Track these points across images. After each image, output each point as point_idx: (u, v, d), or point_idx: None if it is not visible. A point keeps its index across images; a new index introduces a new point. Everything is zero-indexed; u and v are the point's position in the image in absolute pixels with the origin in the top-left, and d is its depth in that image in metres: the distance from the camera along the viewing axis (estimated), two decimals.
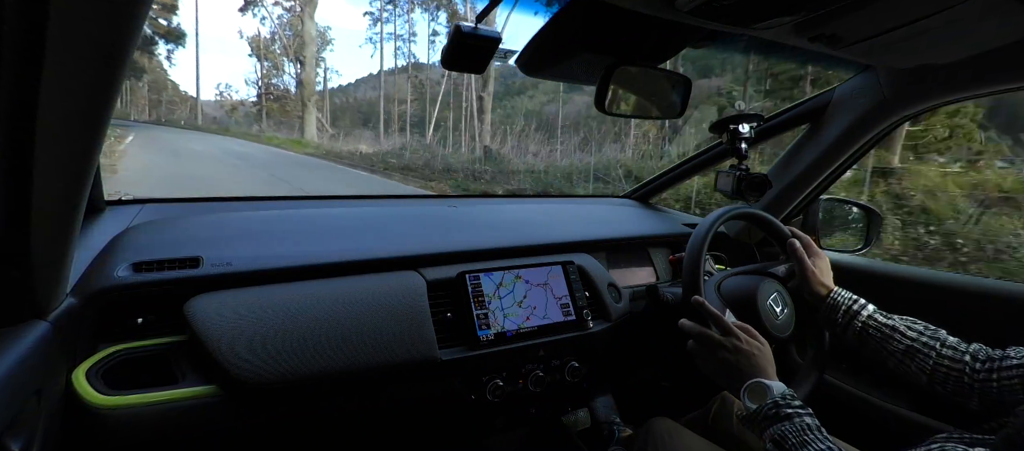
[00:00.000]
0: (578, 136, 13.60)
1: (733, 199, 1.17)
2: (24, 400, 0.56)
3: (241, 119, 26.90)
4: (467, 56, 0.74)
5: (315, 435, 0.89)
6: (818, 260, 0.98)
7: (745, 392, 0.76)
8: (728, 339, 0.82)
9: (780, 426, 0.68)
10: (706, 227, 0.96)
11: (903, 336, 0.84)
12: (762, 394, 0.73)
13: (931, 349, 0.81)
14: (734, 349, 0.80)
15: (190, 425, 0.76)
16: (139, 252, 0.86)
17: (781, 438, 0.67)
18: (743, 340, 0.81)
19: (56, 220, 0.54)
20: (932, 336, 0.83)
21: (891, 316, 0.87)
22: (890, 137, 2.91)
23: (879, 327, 0.86)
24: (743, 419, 0.75)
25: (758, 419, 0.72)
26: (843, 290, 0.93)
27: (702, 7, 0.69)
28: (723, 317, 0.85)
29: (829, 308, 0.92)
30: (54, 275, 0.62)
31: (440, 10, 22.90)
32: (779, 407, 0.70)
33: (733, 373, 0.79)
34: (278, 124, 23.98)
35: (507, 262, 1.08)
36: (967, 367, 0.77)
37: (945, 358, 0.79)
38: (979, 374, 0.75)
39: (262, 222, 1.04)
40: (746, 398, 0.75)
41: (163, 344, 0.80)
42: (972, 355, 0.78)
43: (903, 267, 1.37)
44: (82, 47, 0.39)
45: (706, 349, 0.84)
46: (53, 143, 0.44)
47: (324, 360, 0.81)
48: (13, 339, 0.57)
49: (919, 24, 0.76)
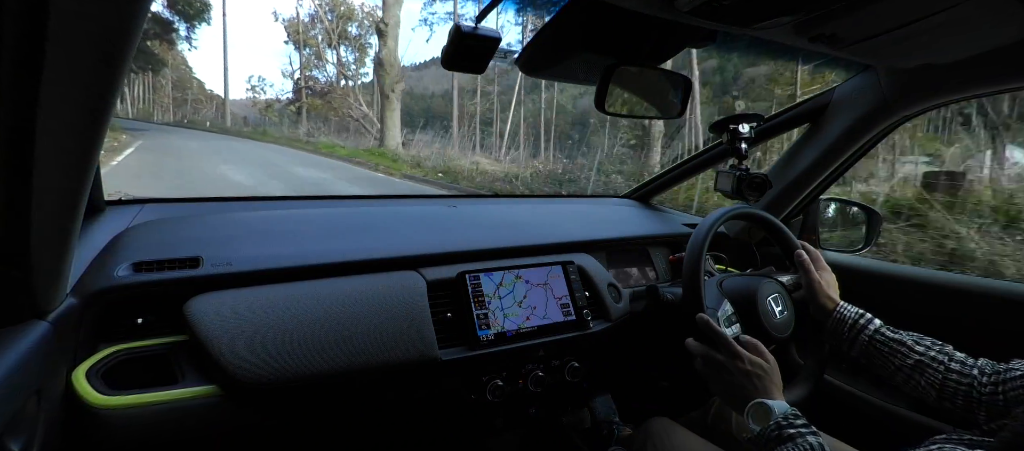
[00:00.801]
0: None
1: (733, 199, 1.17)
2: (24, 400, 0.56)
3: (276, 117, 24.06)
4: (467, 56, 0.74)
5: (315, 435, 0.89)
6: (824, 273, 0.98)
7: (749, 414, 0.75)
8: (732, 361, 0.81)
9: (783, 448, 0.68)
10: (706, 227, 0.96)
11: (911, 351, 0.83)
12: (765, 415, 0.73)
13: (940, 364, 0.80)
14: (738, 371, 0.80)
15: (190, 425, 0.76)
16: (139, 252, 0.86)
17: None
18: (747, 360, 0.80)
19: (56, 220, 0.54)
20: (940, 351, 0.82)
21: (898, 331, 0.87)
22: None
23: (886, 342, 0.86)
24: (749, 441, 0.75)
25: (762, 441, 0.71)
26: (849, 304, 0.93)
27: (702, 7, 0.69)
28: (727, 337, 0.84)
29: (836, 322, 0.91)
30: (54, 275, 0.62)
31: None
32: (781, 428, 0.70)
33: (738, 395, 0.79)
34: (327, 125, 19.81)
35: (507, 262, 1.08)
36: (976, 381, 0.77)
37: (954, 373, 0.79)
38: (986, 388, 0.75)
39: (262, 222, 1.04)
40: (750, 420, 0.75)
41: (163, 344, 0.80)
42: (980, 369, 0.78)
43: (904, 267, 1.37)
44: (82, 47, 0.39)
45: (712, 372, 0.84)
46: (53, 143, 0.44)
47: (324, 360, 0.81)
48: (13, 339, 0.57)
49: (919, 24, 0.76)
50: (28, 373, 0.57)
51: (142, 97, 32.45)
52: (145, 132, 15.78)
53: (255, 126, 23.82)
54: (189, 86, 30.93)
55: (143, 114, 29.80)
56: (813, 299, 0.95)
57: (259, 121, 25.40)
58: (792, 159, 1.37)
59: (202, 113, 28.75)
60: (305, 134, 18.82)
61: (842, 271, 1.07)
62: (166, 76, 28.86)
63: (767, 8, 0.72)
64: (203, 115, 28.12)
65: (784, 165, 1.39)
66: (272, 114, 24.87)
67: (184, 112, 28.86)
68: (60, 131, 0.44)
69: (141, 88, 31.92)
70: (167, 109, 29.75)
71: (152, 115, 27.85)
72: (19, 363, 0.55)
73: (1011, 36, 0.82)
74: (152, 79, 31.03)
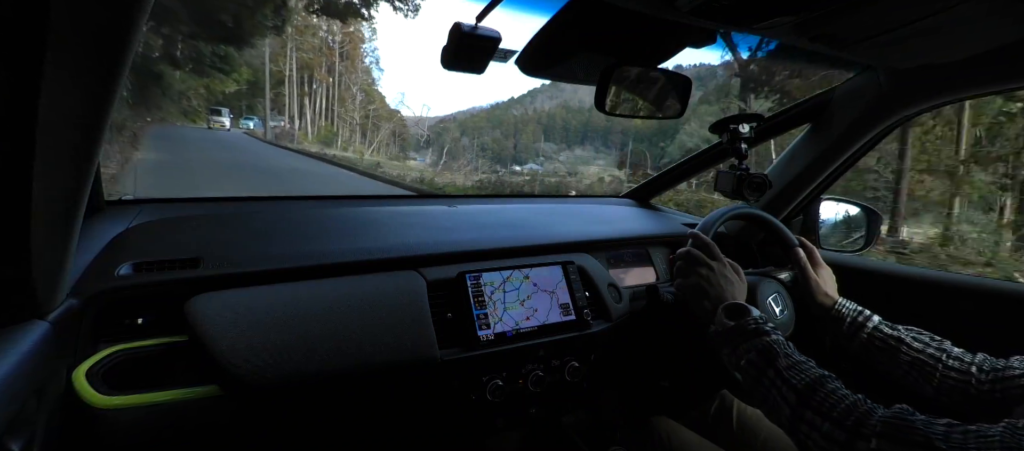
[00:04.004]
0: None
1: (733, 199, 1.17)
2: (24, 400, 0.56)
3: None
4: (467, 56, 0.74)
5: (315, 435, 0.89)
6: (822, 270, 0.99)
7: (723, 310, 0.79)
8: (714, 262, 0.87)
9: (762, 340, 0.71)
10: (707, 227, 0.96)
11: (909, 347, 0.84)
12: (742, 313, 0.76)
13: (937, 361, 0.81)
14: (718, 271, 0.86)
15: (190, 425, 0.76)
16: (139, 252, 0.86)
17: (766, 350, 0.69)
18: (728, 267, 0.87)
19: (56, 220, 0.54)
20: (938, 347, 0.82)
21: (896, 327, 0.87)
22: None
23: (885, 338, 0.86)
24: (718, 334, 0.77)
25: (737, 334, 0.74)
26: (848, 301, 0.93)
27: (702, 7, 0.69)
28: (714, 245, 0.90)
29: (834, 319, 0.92)
30: (54, 275, 0.62)
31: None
32: (759, 324, 0.73)
33: (709, 292, 0.84)
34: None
35: (507, 262, 1.08)
36: (973, 378, 0.77)
37: (952, 369, 0.79)
38: (984, 385, 0.75)
39: (262, 222, 1.04)
40: (723, 315, 0.78)
41: (163, 344, 0.80)
42: (977, 366, 0.78)
43: (904, 266, 1.37)
44: (82, 47, 0.39)
45: (689, 266, 0.88)
46: (53, 143, 0.44)
47: (325, 360, 0.81)
48: (13, 339, 0.57)
49: (919, 24, 0.76)
50: (28, 373, 0.57)
51: (325, 110, 28.98)
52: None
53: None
54: (372, 100, 28.18)
55: (324, 134, 26.48)
56: (812, 296, 0.96)
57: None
58: (792, 159, 1.37)
59: (382, 130, 26.45)
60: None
61: (840, 269, 1.07)
62: (351, 85, 25.86)
63: (767, 8, 0.72)
64: (383, 133, 25.69)
65: (784, 165, 1.39)
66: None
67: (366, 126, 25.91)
68: (60, 131, 0.44)
69: (324, 100, 28.71)
70: (353, 129, 26.92)
71: (333, 134, 24.94)
72: (19, 363, 0.54)
73: (1011, 36, 0.82)
74: (336, 89, 28.13)
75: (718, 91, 12.81)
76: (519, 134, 22.79)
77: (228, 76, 24.71)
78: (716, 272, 0.86)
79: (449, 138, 25.52)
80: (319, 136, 27.66)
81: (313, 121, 29.24)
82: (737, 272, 0.89)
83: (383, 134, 26.32)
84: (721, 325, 0.76)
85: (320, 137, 27.49)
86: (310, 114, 29.11)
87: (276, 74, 28.72)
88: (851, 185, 6.02)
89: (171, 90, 22.45)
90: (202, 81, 23.98)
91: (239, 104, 28.25)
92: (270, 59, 27.53)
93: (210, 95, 25.72)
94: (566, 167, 20.42)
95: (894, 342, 0.85)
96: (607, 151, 21.17)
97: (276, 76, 28.79)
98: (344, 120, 27.99)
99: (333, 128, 27.38)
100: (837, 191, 1.43)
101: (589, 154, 21.48)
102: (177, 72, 21.49)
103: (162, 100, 21.43)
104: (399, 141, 25.72)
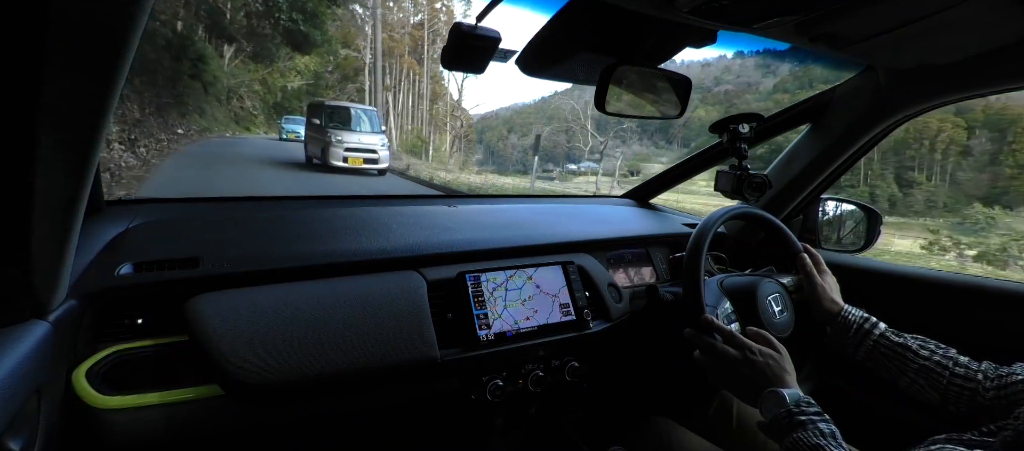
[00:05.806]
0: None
1: (733, 199, 1.17)
2: (24, 400, 0.56)
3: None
4: (467, 56, 0.74)
5: (315, 435, 0.89)
6: (827, 277, 0.98)
7: (761, 403, 0.75)
8: (742, 352, 0.80)
9: (795, 434, 0.68)
10: (707, 227, 0.96)
11: (916, 355, 0.84)
12: (778, 403, 0.72)
13: (945, 368, 0.81)
14: (748, 362, 0.79)
15: (190, 425, 0.76)
16: (139, 252, 0.86)
17: (794, 446, 0.67)
18: (757, 351, 0.80)
19: (56, 220, 0.54)
20: (944, 355, 0.83)
21: (902, 334, 0.87)
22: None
23: (891, 347, 0.86)
24: (762, 429, 0.75)
25: (776, 430, 0.71)
26: (854, 309, 0.93)
27: (702, 7, 0.69)
28: (734, 332, 0.83)
29: (841, 327, 0.92)
30: (54, 275, 0.62)
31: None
32: (792, 415, 0.69)
33: (748, 385, 0.79)
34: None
35: (507, 262, 1.08)
36: (980, 386, 0.77)
37: (958, 377, 0.79)
38: (989, 393, 0.76)
39: (262, 222, 1.04)
40: (763, 408, 0.75)
41: (163, 344, 0.80)
42: (984, 373, 0.78)
43: (904, 266, 1.37)
44: (83, 47, 0.39)
45: (717, 362, 0.83)
46: (53, 143, 0.44)
47: (324, 360, 0.81)
48: (13, 339, 0.57)
49: (919, 24, 0.76)
50: (28, 373, 0.57)
51: (410, 112, 22.11)
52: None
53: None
54: (440, 97, 21.94)
55: (412, 142, 19.95)
56: (817, 303, 0.95)
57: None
58: (792, 159, 1.37)
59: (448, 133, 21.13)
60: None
61: (842, 270, 1.07)
62: (421, 85, 19.27)
63: (767, 8, 0.72)
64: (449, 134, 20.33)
65: (784, 165, 1.39)
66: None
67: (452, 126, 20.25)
68: (60, 131, 0.44)
69: (410, 96, 22.14)
70: (443, 129, 20.83)
71: (424, 143, 18.90)
72: (19, 363, 0.54)
73: (1010, 36, 0.82)
74: (426, 82, 21.01)
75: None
76: (570, 132, 21.29)
77: (306, 55, 17.70)
78: (746, 363, 0.79)
79: (494, 136, 23.10)
80: (405, 145, 21.78)
81: (397, 123, 22.65)
82: (764, 341, 0.82)
83: (449, 138, 21.86)
84: (766, 415, 0.74)
85: (406, 146, 21.52)
86: (393, 115, 22.55)
87: (350, 61, 21.70)
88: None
89: (216, 85, 16.27)
90: (259, 71, 17.24)
91: (299, 104, 19.48)
92: (342, 42, 20.18)
93: (267, 91, 18.90)
94: (627, 165, 19.15)
95: (900, 350, 0.85)
96: (668, 147, 20.00)
97: (349, 64, 21.62)
98: (434, 123, 21.67)
99: (423, 133, 20.85)
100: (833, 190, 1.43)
101: (648, 150, 20.46)
102: (224, 58, 16.06)
103: (204, 100, 15.69)
104: (465, 145, 21.56)
